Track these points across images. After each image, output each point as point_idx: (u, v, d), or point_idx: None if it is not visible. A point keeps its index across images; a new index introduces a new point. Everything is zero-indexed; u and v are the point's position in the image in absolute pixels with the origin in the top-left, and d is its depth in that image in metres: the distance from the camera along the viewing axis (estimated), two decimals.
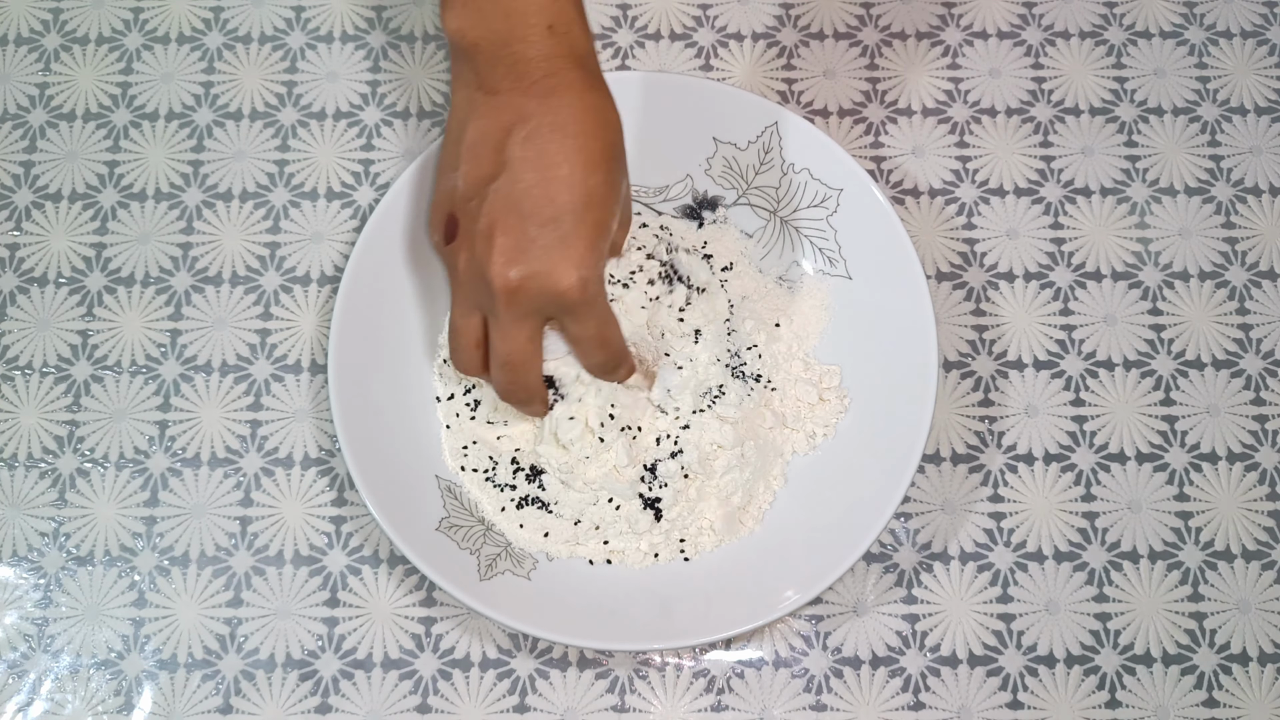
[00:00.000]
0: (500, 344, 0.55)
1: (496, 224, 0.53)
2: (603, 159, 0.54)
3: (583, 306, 0.54)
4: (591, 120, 0.54)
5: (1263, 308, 0.68)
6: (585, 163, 0.53)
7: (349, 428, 0.60)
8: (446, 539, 0.60)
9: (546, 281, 0.53)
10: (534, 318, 0.55)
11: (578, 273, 0.53)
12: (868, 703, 0.61)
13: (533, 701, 0.61)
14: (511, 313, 0.54)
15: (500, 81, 0.54)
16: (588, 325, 0.55)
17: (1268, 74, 0.72)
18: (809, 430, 0.63)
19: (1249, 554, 0.63)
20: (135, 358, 0.66)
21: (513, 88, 0.54)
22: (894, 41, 0.73)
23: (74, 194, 0.69)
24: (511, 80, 0.54)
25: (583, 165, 0.53)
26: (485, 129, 0.55)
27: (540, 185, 0.53)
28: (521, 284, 0.53)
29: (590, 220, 0.53)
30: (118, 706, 0.60)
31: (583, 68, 0.55)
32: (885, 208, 0.64)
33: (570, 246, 0.53)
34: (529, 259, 0.53)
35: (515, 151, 0.54)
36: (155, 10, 0.73)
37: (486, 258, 0.53)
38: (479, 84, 0.55)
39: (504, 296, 0.54)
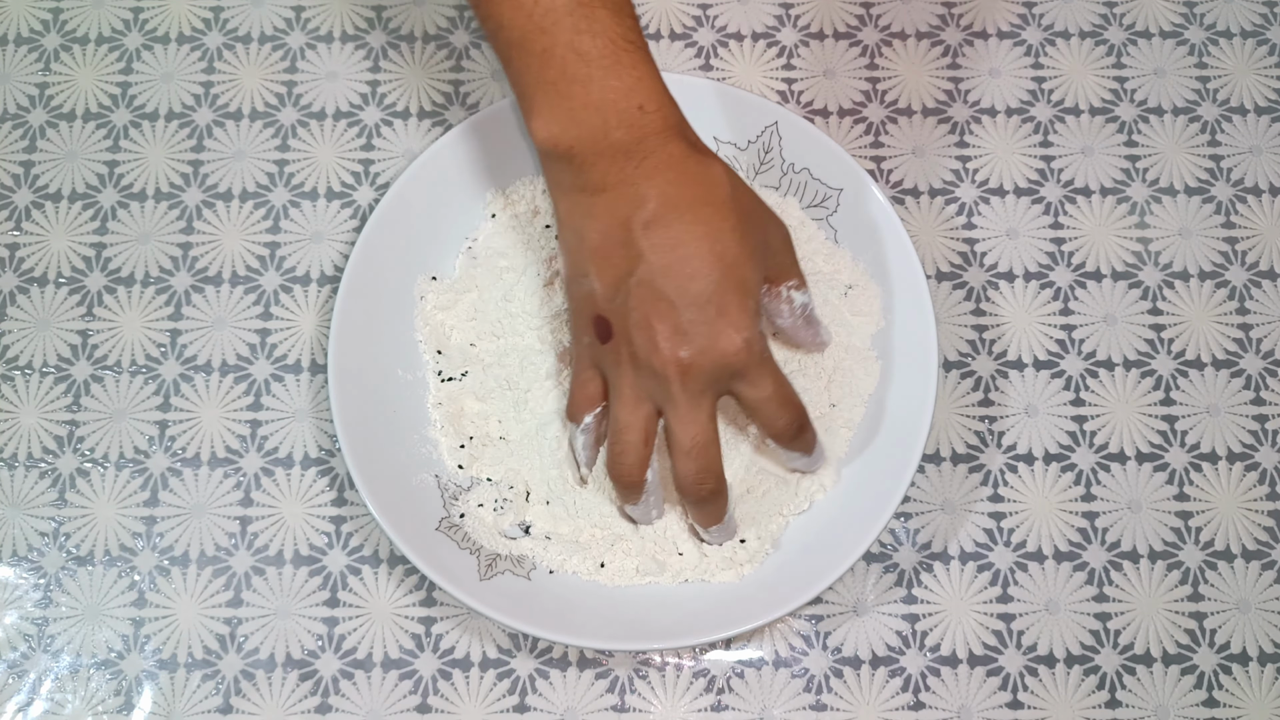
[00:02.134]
0: (682, 430, 0.55)
1: (650, 314, 0.53)
2: (723, 219, 0.54)
3: (753, 368, 0.54)
4: (700, 185, 0.54)
5: (1263, 308, 0.68)
6: (708, 232, 0.53)
7: (349, 428, 0.60)
8: (446, 539, 0.60)
9: (714, 353, 0.53)
10: (710, 394, 0.55)
11: (740, 336, 0.53)
12: (868, 703, 0.61)
13: (533, 701, 0.61)
14: (688, 391, 0.54)
15: (605, 177, 0.54)
16: (764, 386, 0.55)
17: (1268, 74, 0.72)
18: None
19: (1249, 554, 0.63)
20: (135, 358, 0.66)
21: (619, 179, 0.54)
22: (894, 41, 0.73)
23: (74, 194, 0.69)
24: (616, 172, 0.54)
25: (707, 235, 0.53)
26: (604, 228, 0.54)
27: (676, 266, 0.53)
28: (693, 360, 0.53)
29: (733, 283, 0.53)
30: (118, 706, 0.60)
31: (680, 138, 0.55)
32: (885, 208, 0.64)
33: (725, 314, 0.53)
34: (692, 337, 0.53)
35: (641, 242, 0.53)
36: (155, 10, 0.73)
37: (651, 346, 0.53)
38: (582, 186, 0.55)
39: (678, 377, 0.53)
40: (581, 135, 0.54)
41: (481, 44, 0.73)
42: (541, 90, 0.54)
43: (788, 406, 0.56)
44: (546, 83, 0.54)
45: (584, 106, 0.54)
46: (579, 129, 0.54)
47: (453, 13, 0.73)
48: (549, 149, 0.55)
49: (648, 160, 0.54)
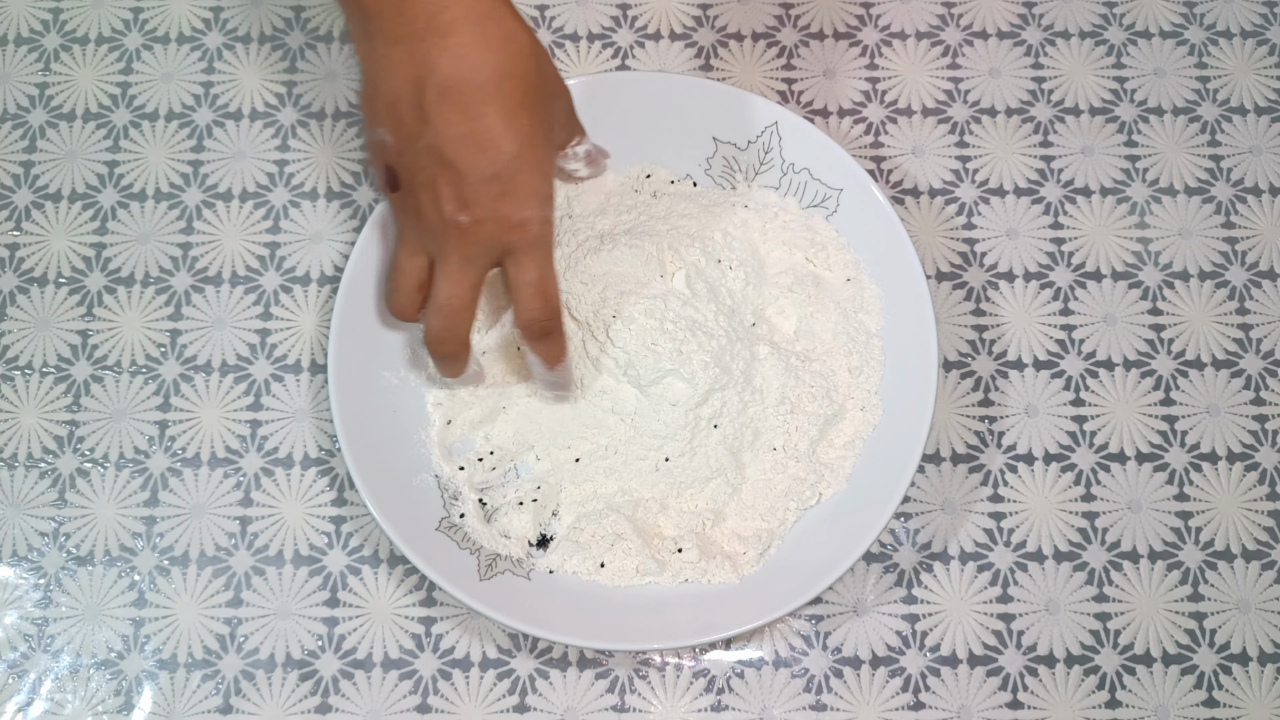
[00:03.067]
0: (444, 287, 0.55)
1: (437, 178, 0.53)
2: (522, 94, 0.52)
3: (525, 249, 0.54)
4: (499, 55, 0.52)
5: (1263, 308, 0.68)
6: (505, 107, 0.52)
7: (349, 428, 0.60)
8: (446, 539, 0.60)
9: (492, 223, 0.53)
10: (480, 261, 0.55)
11: (521, 214, 0.53)
12: (868, 703, 0.61)
13: (533, 701, 0.61)
14: (460, 253, 0.54)
15: (395, 27, 0.52)
16: (529, 270, 0.55)
17: (1268, 74, 0.72)
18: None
19: (1249, 554, 0.63)
20: (135, 358, 0.66)
21: (409, 33, 0.51)
22: (894, 41, 0.73)
23: (74, 194, 0.69)
24: (405, 24, 0.51)
25: (503, 110, 0.52)
26: (396, 86, 0.53)
27: (469, 138, 0.52)
28: (470, 226, 0.53)
29: (527, 163, 0.53)
30: (118, 706, 0.60)
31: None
32: (885, 208, 0.64)
33: (514, 192, 0.53)
34: (475, 206, 0.53)
35: (432, 107, 0.52)
36: (155, 10, 0.73)
37: (435, 205, 0.53)
38: (377, 32, 0.52)
39: (455, 238, 0.54)
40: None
41: None
42: None
43: (543, 298, 0.56)
44: None
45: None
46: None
47: None
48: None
49: (442, 15, 0.51)
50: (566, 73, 0.72)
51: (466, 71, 0.51)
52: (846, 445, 0.62)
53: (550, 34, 0.73)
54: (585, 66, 0.72)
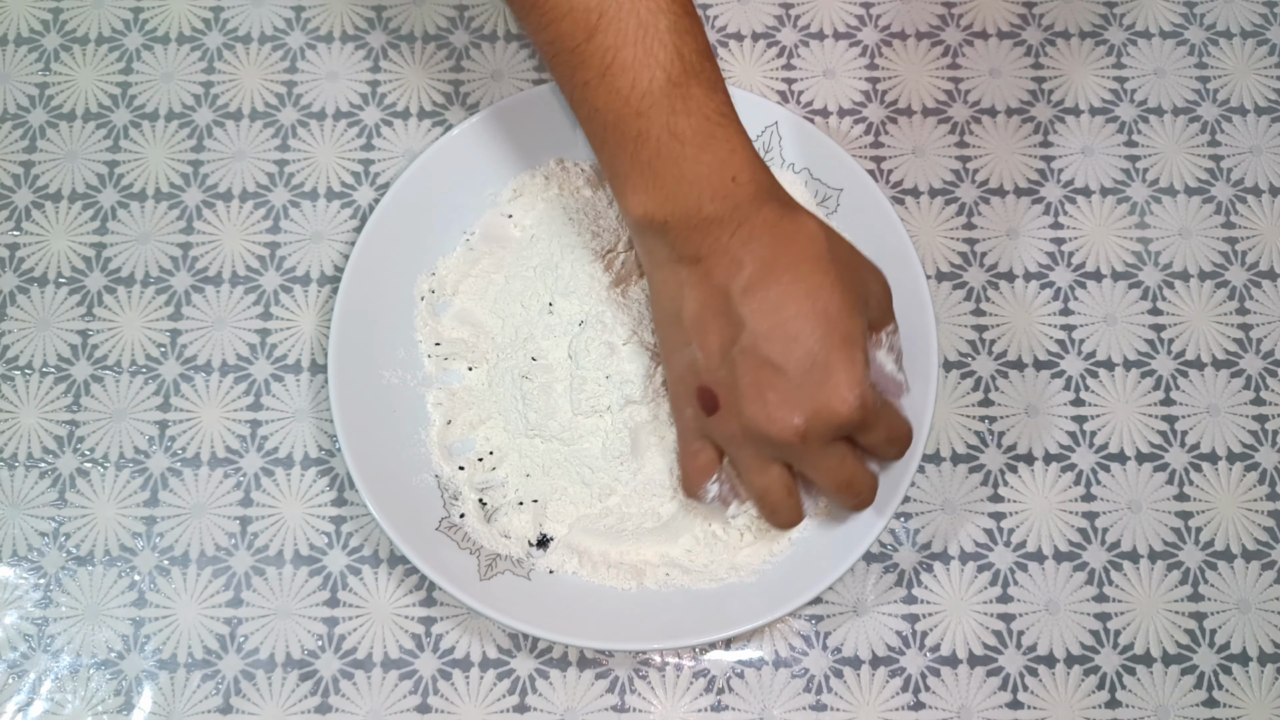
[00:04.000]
0: (823, 479, 0.56)
1: (759, 383, 0.53)
2: (821, 276, 0.53)
3: (866, 420, 0.54)
4: (795, 244, 0.53)
5: (1263, 308, 0.68)
6: (808, 290, 0.53)
7: (349, 428, 0.60)
8: (446, 539, 0.60)
9: (828, 414, 0.53)
10: (834, 444, 0.55)
11: (852, 394, 0.53)
12: (868, 703, 0.61)
13: (533, 701, 0.61)
14: (812, 449, 0.54)
15: (699, 247, 0.54)
16: (879, 433, 0.55)
17: (1268, 74, 0.72)
18: None
19: (1249, 554, 0.63)
20: (135, 358, 0.66)
21: (714, 248, 0.54)
22: (894, 41, 0.73)
23: (74, 194, 0.69)
24: (710, 242, 0.54)
25: (806, 294, 0.53)
26: (703, 298, 0.54)
27: (780, 329, 0.53)
28: (809, 426, 0.53)
29: (839, 340, 0.53)
30: (118, 706, 0.60)
31: (771, 200, 0.54)
32: (885, 208, 0.64)
33: (834, 375, 0.53)
34: (804, 403, 0.53)
35: (741, 308, 0.53)
36: (155, 10, 0.73)
37: (764, 417, 0.53)
38: (678, 258, 0.55)
39: (799, 442, 0.53)
40: (675, 210, 0.54)
41: (481, 44, 0.73)
42: (636, 170, 0.54)
43: (898, 442, 0.57)
44: (641, 163, 0.54)
45: (678, 182, 0.54)
46: (673, 204, 0.54)
47: (453, 13, 0.73)
48: (644, 223, 0.55)
49: (742, 227, 0.53)
50: None
51: (766, 266, 0.53)
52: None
53: None
54: None
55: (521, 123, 0.66)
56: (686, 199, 0.54)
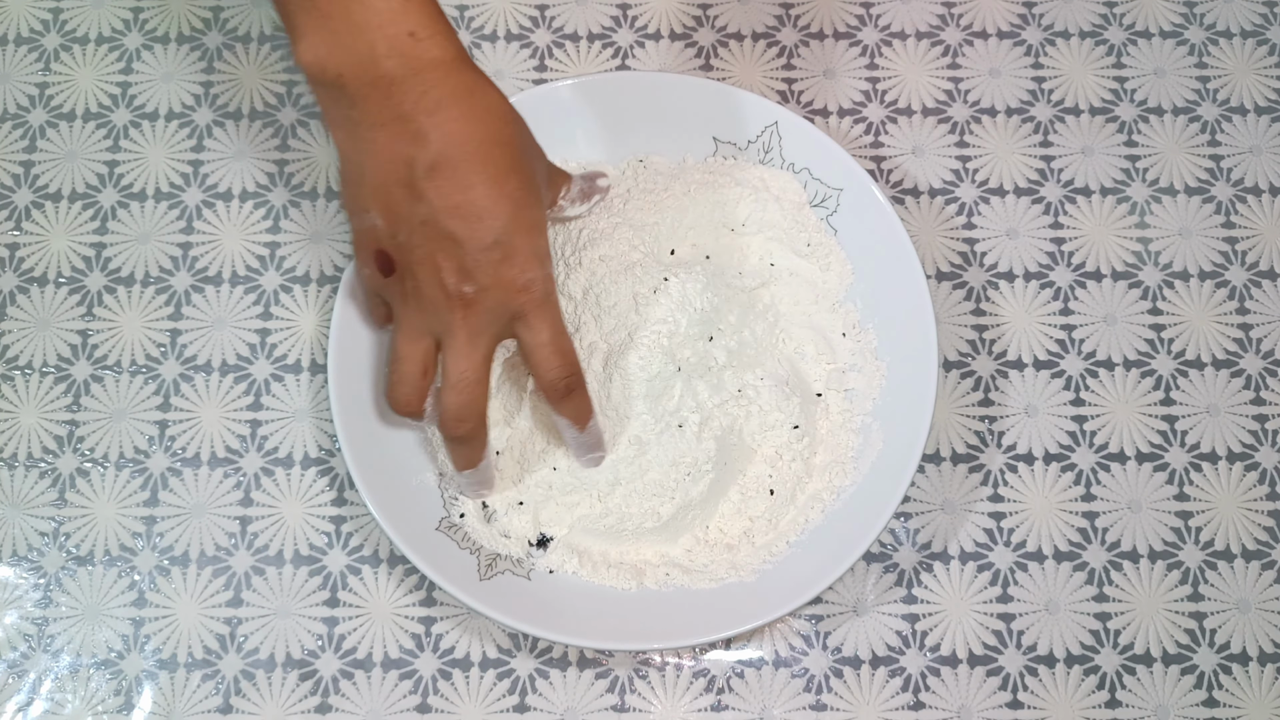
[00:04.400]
0: (456, 364, 0.55)
1: (436, 253, 0.53)
2: (509, 160, 0.53)
3: (534, 310, 0.54)
4: (485, 124, 0.53)
5: (1263, 308, 0.68)
6: (495, 173, 0.53)
7: (349, 428, 0.60)
8: (446, 539, 0.60)
9: (498, 290, 0.53)
10: (490, 331, 0.55)
11: (525, 276, 0.53)
12: (868, 702, 0.61)
13: (533, 701, 0.61)
14: (468, 325, 0.54)
15: (380, 112, 0.52)
16: (542, 331, 0.55)
17: (1268, 74, 0.72)
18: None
19: (1249, 554, 0.63)
20: (135, 358, 0.66)
21: (395, 115, 0.52)
22: (894, 41, 0.73)
23: (74, 194, 0.69)
24: (392, 108, 0.52)
25: (494, 177, 0.53)
26: (385, 167, 0.53)
27: (463, 209, 0.52)
28: (476, 297, 0.53)
29: (523, 224, 0.53)
30: (118, 706, 0.60)
31: (458, 70, 0.53)
32: (885, 208, 0.64)
33: (514, 256, 0.53)
34: (477, 276, 0.53)
35: (424, 182, 0.52)
36: (155, 10, 0.73)
37: (436, 281, 0.53)
38: (358, 119, 0.53)
39: (460, 310, 0.53)
40: (348, 61, 0.51)
41: (482, 44, 0.73)
42: (303, 10, 0.51)
43: (560, 356, 0.56)
44: (309, 2, 0.51)
45: (347, 28, 0.51)
46: (345, 54, 0.51)
47: (453, 13, 0.73)
48: (316, 76, 0.52)
49: (426, 95, 0.52)
50: (566, 72, 0.72)
51: (453, 144, 0.52)
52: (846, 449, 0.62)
53: (550, 34, 0.73)
54: (585, 66, 0.72)
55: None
56: (359, 49, 0.51)
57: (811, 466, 0.61)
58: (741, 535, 0.61)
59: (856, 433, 0.62)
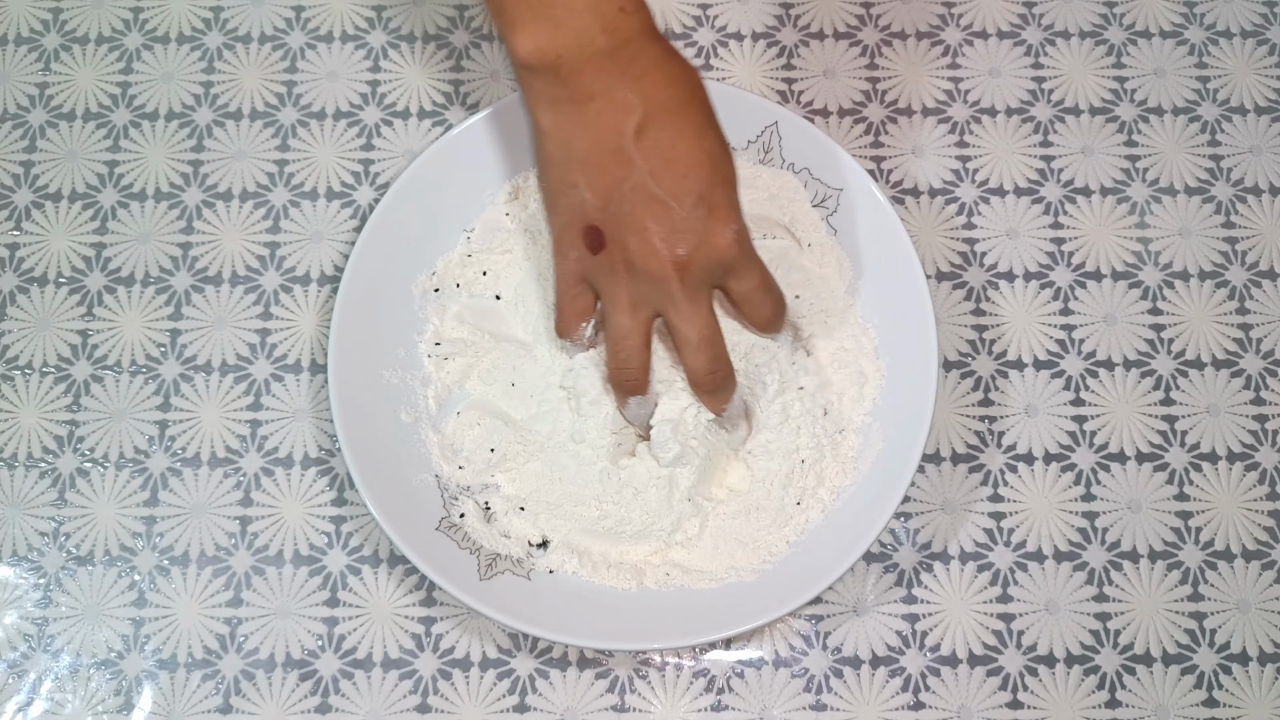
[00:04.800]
0: (688, 327, 0.56)
1: (645, 217, 0.54)
2: (705, 119, 0.55)
3: (743, 260, 0.56)
4: (684, 87, 0.55)
5: (1263, 308, 0.68)
6: (696, 132, 0.55)
7: (349, 428, 0.60)
8: (446, 539, 0.60)
9: (709, 247, 0.55)
10: (706, 288, 0.57)
11: (731, 229, 0.55)
12: (868, 702, 0.61)
13: (533, 701, 0.61)
14: (687, 288, 0.55)
15: (592, 85, 0.54)
16: (752, 277, 0.57)
17: (1268, 74, 0.72)
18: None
19: (1249, 554, 0.63)
20: (135, 357, 0.66)
21: (606, 86, 0.54)
22: (894, 41, 0.73)
23: (74, 194, 0.69)
24: (603, 79, 0.54)
25: (695, 135, 0.55)
26: (596, 137, 0.55)
27: (668, 168, 0.54)
28: (691, 257, 0.55)
29: (721, 180, 0.55)
30: (118, 706, 0.60)
31: (655, 39, 0.55)
32: (885, 208, 0.64)
33: (718, 210, 0.55)
34: (688, 235, 0.54)
35: (632, 148, 0.54)
36: (155, 10, 0.73)
37: (649, 248, 0.55)
38: (570, 97, 0.55)
39: (678, 275, 0.55)
40: (567, 43, 0.54)
41: (482, 44, 0.73)
42: (523, 2, 0.54)
43: (771, 293, 0.58)
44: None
45: (567, 13, 0.53)
46: (564, 37, 0.54)
47: (453, 13, 0.73)
48: (534, 63, 0.54)
49: (634, 64, 0.54)
50: None
51: (657, 107, 0.54)
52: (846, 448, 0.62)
53: None
54: None
55: (521, 123, 0.66)
56: (577, 29, 0.54)
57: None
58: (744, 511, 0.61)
59: (857, 433, 0.62)
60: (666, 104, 0.54)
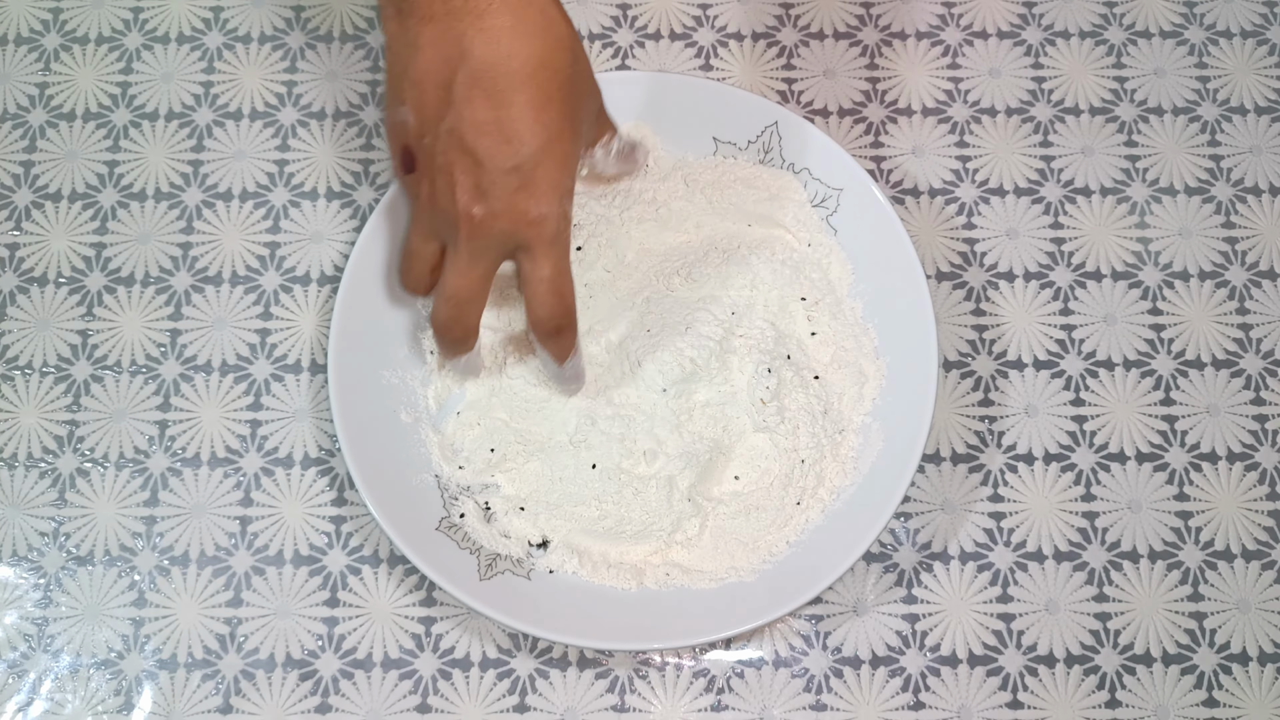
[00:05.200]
0: (453, 277, 0.54)
1: (454, 164, 0.52)
2: (554, 86, 0.51)
3: (541, 245, 0.53)
4: (536, 43, 0.51)
5: (1263, 308, 0.68)
6: (537, 97, 0.51)
7: (349, 428, 0.60)
8: (446, 539, 0.60)
9: (507, 218, 0.52)
10: (492, 254, 0.54)
11: (540, 210, 0.52)
12: (868, 702, 0.61)
13: (533, 701, 0.61)
14: (471, 246, 0.53)
15: (430, 4, 0.51)
16: (544, 267, 0.54)
17: (1268, 74, 0.72)
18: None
19: (1249, 554, 0.63)
20: (135, 357, 0.66)
21: (444, 10, 0.50)
22: (894, 41, 0.73)
23: (74, 194, 0.69)
24: (441, 1, 0.50)
25: (534, 101, 0.51)
26: (424, 64, 0.52)
27: (493, 126, 0.51)
28: (484, 219, 0.52)
29: (553, 157, 0.52)
30: (118, 706, 0.60)
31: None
32: (885, 208, 0.64)
33: (533, 187, 0.52)
34: (492, 198, 0.52)
35: (461, 90, 0.51)
36: (155, 10, 0.73)
37: (449, 193, 0.53)
38: (411, 9, 0.51)
39: (466, 229, 0.53)
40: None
41: None
42: None
43: (556, 296, 0.55)
44: None
45: None
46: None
47: None
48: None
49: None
50: None
51: (499, 57, 0.50)
52: (846, 447, 0.62)
53: None
54: None
55: None
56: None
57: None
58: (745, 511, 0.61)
59: (857, 433, 0.62)
60: (510, 58, 0.50)
